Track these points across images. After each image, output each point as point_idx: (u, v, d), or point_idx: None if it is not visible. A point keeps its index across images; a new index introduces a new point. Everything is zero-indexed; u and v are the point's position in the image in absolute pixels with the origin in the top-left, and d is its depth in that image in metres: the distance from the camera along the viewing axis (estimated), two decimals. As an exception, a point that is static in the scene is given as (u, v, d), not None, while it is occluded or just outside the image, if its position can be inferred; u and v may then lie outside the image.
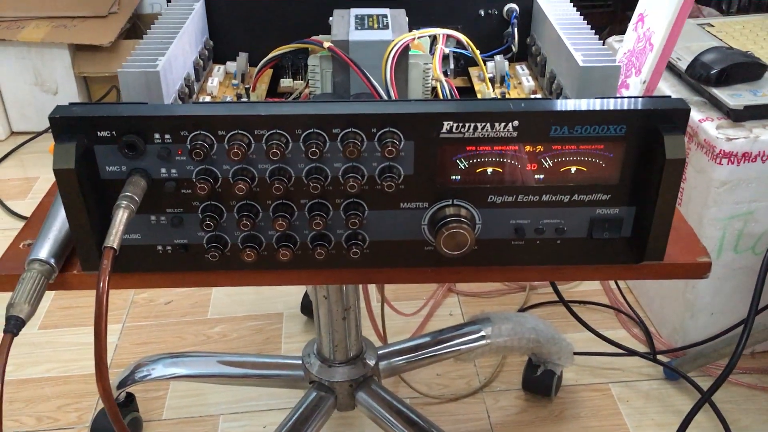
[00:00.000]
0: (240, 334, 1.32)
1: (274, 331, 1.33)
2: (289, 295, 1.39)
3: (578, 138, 0.55)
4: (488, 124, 0.54)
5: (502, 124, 0.54)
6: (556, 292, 1.14)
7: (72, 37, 1.93)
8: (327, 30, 0.76)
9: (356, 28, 0.73)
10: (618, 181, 0.57)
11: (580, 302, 1.36)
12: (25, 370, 1.25)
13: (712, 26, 1.31)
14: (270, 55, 0.77)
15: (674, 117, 0.53)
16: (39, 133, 2.03)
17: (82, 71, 1.98)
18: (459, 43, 0.80)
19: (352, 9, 0.78)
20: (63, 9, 2.01)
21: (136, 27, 2.10)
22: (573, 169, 0.56)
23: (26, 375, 1.24)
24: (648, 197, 0.56)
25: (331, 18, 0.77)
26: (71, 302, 1.39)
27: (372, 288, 1.28)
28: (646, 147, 0.54)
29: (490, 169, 0.56)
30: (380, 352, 1.00)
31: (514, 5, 0.84)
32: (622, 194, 0.57)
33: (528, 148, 0.55)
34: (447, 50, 0.82)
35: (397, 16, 0.77)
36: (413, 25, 0.78)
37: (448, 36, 0.79)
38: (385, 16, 0.76)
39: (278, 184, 0.55)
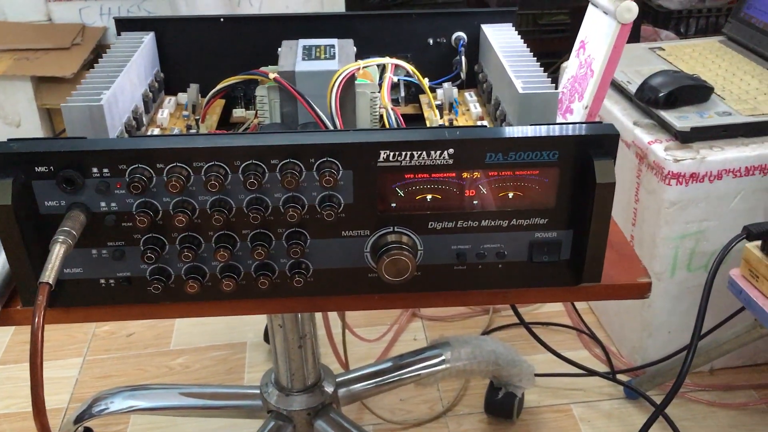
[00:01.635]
0: (203, 365, 1.31)
1: (237, 360, 1.32)
2: (252, 324, 1.39)
3: (513, 164, 0.56)
4: (424, 153, 0.55)
5: (438, 152, 0.55)
6: (517, 314, 1.15)
7: (35, 69, 1.92)
8: (277, 60, 0.76)
9: (303, 59, 0.74)
10: (554, 206, 0.58)
11: (542, 324, 1.38)
12: (-17, 406, 1.23)
13: (663, 50, 1.34)
14: (218, 87, 0.77)
15: (604, 142, 0.55)
16: (1, 166, 2.01)
17: (45, 103, 1.97)
18: (408, 72, 0.81)
19: (300, 40, 0.79)
20: (25, 41, 2.01)
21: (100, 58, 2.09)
22: (510, 194, 0.57)
23: (-16, 412, 1.22)
24: (584, 220, 0.57)
25: (279, 49, 0.78)
26: (32, 336, 1.37)
27: (333, 314, 1.28)
28: (579, 172, 0.56)
29: (429, 196, 0.57)
30: (339, 379, 1.00)
31: (461, 34, 0.86)
32: (559, 218, 0.58)
33: (465, 174, 0.56)
34: (396, 79, 0.84)
35: (345, 46, 0.78)
36: (363, 55, 0.79)
37: (396, 65, 0.81)
38: (333, 46, 0.77)
39: (219, 215, 0.55)
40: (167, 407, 1.03)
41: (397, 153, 0.54)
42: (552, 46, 2.12)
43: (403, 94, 0.86)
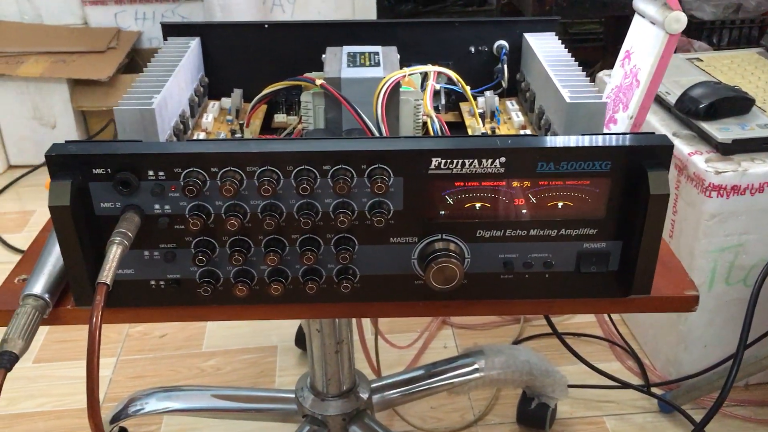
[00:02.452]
0: (234, 368, 1.32)
1: (268, 364, 1.32)
2: (283, 328, 1.39)
3: (564, 174, 0.56)
4: (476, 161, 0.55)
5: (490, 161, 0.55)
6: (550, 324, 1.14)
7: (71, 71, 1.95)
8: (321, 67, 0.77)
9: (348, 66, 0.75)
10: (604, 216, 0.58)
11: (574, 334, 1.37)
12: (19, 404, 1.25)
13: (701, 60, 1.33)
14: (264, 92, 0.78)
15: (658, 153, 0.54)
16: (36, 167, 2.04)
17: (81, 105, 2.00)
18: (450, 79, 0.81)
19: (344, 46, 0.79)
20: (62, 44, 2.04)
21: (135, 62, 2.12)
22: (560, 204, 0.57)
23: (20, 409, 1.24)
24: (634, 232, 0.57)
25: (324, 55, 0.78)
26: (66, 336, 1.39)
27: (366, 321, 1.28)
28: (631, 182, 0.55)
29: (478, 205, 0.57)
30: (373, 385, 1.00)
31: (503, 42, 0.86)
32: (609, 229, 0.58)
33: (515, 183, 0.56)
34: (438, 86, 0.84)
35: (389, 54, 0.78)
36: (405, 62, 0.80)
37: (439, 72, 0.81)
38: (377, 53, 0.78)
39: (270, 219, 0.55)
40: (202, 409, 1.04)
41: (448, 161, 0.55)
42: (583, 55, 2.12)
43: (443, 101, 0.86)
